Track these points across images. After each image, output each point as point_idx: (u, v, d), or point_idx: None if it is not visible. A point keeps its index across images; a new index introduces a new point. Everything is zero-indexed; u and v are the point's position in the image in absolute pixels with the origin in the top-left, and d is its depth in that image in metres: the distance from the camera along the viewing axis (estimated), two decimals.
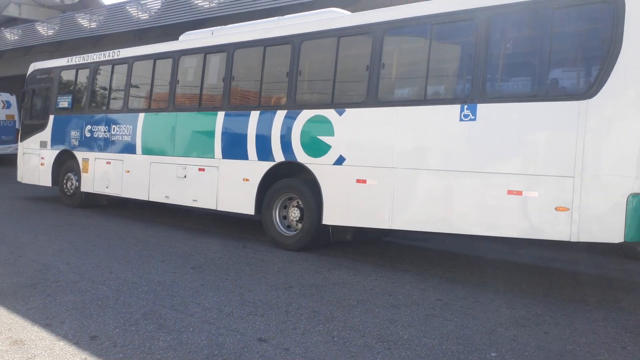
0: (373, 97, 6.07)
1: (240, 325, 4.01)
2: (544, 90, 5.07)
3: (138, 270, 5.53)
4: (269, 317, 4.20)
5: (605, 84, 4.63)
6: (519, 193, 5.03)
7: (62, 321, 3.97)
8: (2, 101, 19.12)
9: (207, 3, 15.49)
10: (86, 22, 19.84)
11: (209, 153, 7.62)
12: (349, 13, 7.07)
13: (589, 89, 4.73)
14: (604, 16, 4.75)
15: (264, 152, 7.02)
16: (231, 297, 4.70)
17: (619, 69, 4.59)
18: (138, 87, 9.23)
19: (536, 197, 4.95)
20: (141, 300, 4.52)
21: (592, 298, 5.16)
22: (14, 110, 19.26)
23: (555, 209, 4.83)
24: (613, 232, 4.62)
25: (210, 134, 7.60)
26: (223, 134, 7.49)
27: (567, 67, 5.24)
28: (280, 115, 6.87)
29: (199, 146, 7.82)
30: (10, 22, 33.98)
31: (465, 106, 5.33)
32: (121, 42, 18.79)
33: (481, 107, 5.25)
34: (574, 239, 4.76)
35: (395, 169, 5.84)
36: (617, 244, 4.69)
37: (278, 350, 3.56)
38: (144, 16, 17.51)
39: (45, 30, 21.78)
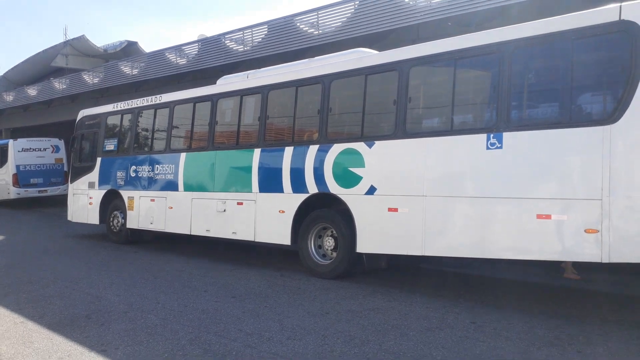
0: (401, 129, 6.33)
1: (279, 349, 4.23)
2: (568, 117, 5.19)
3: (183, 300, 5.84)
4: (307, 342, 4.41)
5: (628, 109, 4.78)
6: (549, 217, 5.13)
7: (116, 347, 4.29)
8: (52, 146, 20.21)
9: (242, 47, 16.23)
10: (128, 69, 20.95)
11: (247, 188, 7.98)
12: (374, 52, 7.41)
13: (612, 114, 4.87)
14: (622, 44, 4.93)
15: (298, 185, 7.32)
16: (270, 323, 4.94)
17: (639, 93, 4.73)
18: (179, 128, 9.72)
19: (565, 220, 5.05)
20: (187, 328, 4.80)
21: (628, 318, 5.17)
22: (62, 154, 20.36)
23: (585, 231, 4.91)
24: None
25: (248, 170, 7.97)
26: (259, 169, 7.85)
27: (589, 94, 5.38)
28: (313, 149, 7.19)
29: (238, 182, 8.19)
30: (58, 72, 36.11)
31: (492, 135, 5.53)
32: (161, 86, 19.78)
33: (507, 136, 5.44)
34: (605, 260, 4.81)
35: (425, 197, 6.02)
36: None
37: None
38: (182, 61, 18.41)
39: (90, 79, 23.06)
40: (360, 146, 6.69)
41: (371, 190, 6.55)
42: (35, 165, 19.54)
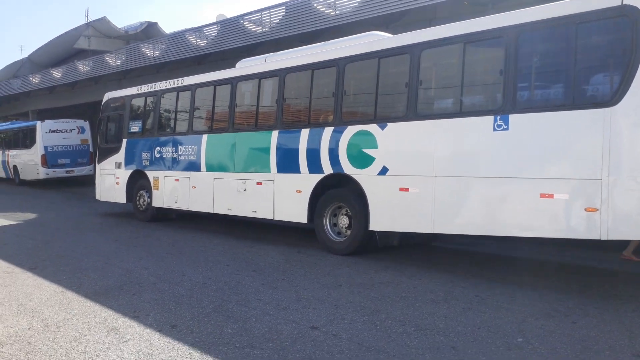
0: (412, 112, 6.57)
1: (295, 316, 4.63)
2: (571, 100, 5.37)
3: (207, 273, 6.28)
4: (320, 310, 4.79)
5: (628, 92, 4.95)
6: (551, 196, 5.36)
7: (147, 314, 4.73)
8: (77, 127, 20.83)
9: (260, 28, 16.46)
10: (150, 51, 21.34)
11: (266, 168, 8.33)
12: (388, 35, 7.62)
13: (612, 97, 5.05)
14: (623, 28, 5.08)
15: (314, 165, 7.64)
16: (287, 294, 5.34)
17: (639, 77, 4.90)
18: (201, 110, 10.08)
19: (567, 199, 5.28)
20: (211, 297, 5.23)
21: (625, 294, 5.44)
22: (87, 135, 20.98)
23: (585, 209, 5.14)
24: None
25: (266, 151, 8.32)
26: (277, 150, 8.19)
27: (591, 77, 5.53)
28: (328, 131, 7.47)
29: (257, 162, 8.54)
30: (81, 53, 36.73)
31: (498, 117, 5.75)
32: (182, 67, 20.17)
33: (513, 118, 5.65)
34: (604, 237, 5.05)
35: (435, 177, 6.29)
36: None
37: (327, 336, 4.14)
38: (202, 43, 18.70)
39: (113, 61, 23.53)
40: (373, 128, 6.95)
41: (384, 171, 6.83)
42: (62, 146, 20.20)
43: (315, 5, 14.79)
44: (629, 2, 4.99)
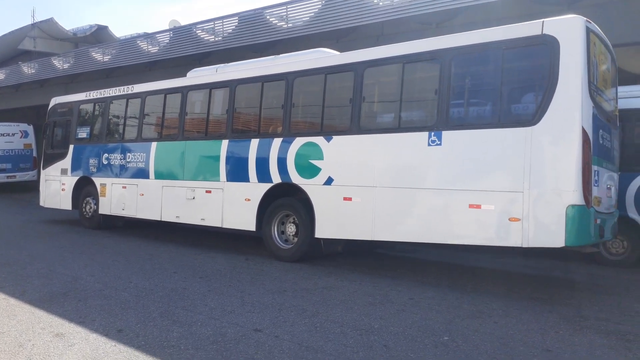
0: (356, 126, 6.95)
1: (239, 320, 4.84)
2: (497, 119, 5.89)
3: (154, 280, 6.39)
4: (264, 314, 5.02)
5: (546, 113, 5.48)
6: (479, 206, 5.82)
7: (93, 319, 4.81)
8: (20, 131, 20.20)
9: (213, 37, 16.57)
10: (99, 55, 20.99)
11: (215, 177, 8.49)
12: (335, 53, 7.98)
13: (533, 117, 5.58)
14: (543, 55, 5.61)
15: (263, 175, 7.86)
16: (233, 299, 5.53)
17: (557, 99, 5.45)
18: (150, 118, 10.12)
19: (492, 209, 5.74)
20: (157, 303, 5.36)
21: (547, 296, 5.95)
22: (31, 140, 20.37)
23: (509, 219, 5.61)
24: (556, 238, 5.39)
25: (216, 160, 8.48)
26: (227, 159, 8.36)
27: (515, 99, 6.06)
28: (277, 142, 7.72)
29: (206, 171, 8.68)
30: (25, 54, 35.47)
31: (433, 133, 6.20)
32: (133, 73, 19.96)
33: (446, 134, 6.11)
34: (524, 245, 5.54)
35: (375, 188, 6.68)
36: (560, 248, 5.46)
37: (270, 337, 4.38)
38: (153, 49, 18.61)
39: (60, 64, 22.97)
40: (319, 140, 7.27)
41: (329, 181, 7.15)
42: (3, 150, 19.56)
43: (268, 17, 15.09)
44: (548, 32, 5.56)
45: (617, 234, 6.95)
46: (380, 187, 6.64)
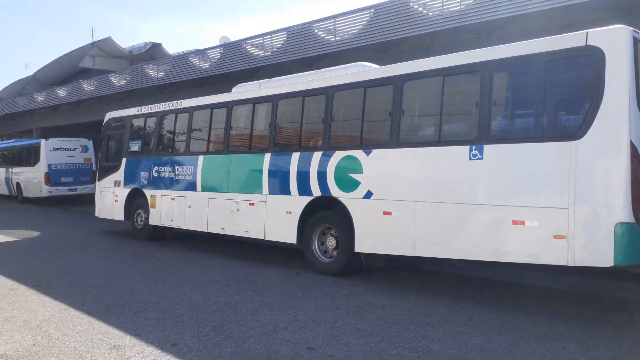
0: (395, 139, 6.87)
1: (292, 337, 4.77)
2: (540, 132, 5.69)
3: (207, 293, 6.44)
4: (317, 331, 4.94)
5: (592, 126, 5.23)
6: (522, 223, 5.60)
7: (148, 332, 4.88)
8: (81, 145, 21.08)
9: (262, 52, 16.82)
10: (154, 71, 21.73)
11: (258, 189, 8.59)
12: (375, 66, 7.96)
13: (577, 131, 5.34)
14: (587, 67, 5.39)
15: (303, 188, 7.90)
16: (285, 315, 5.48)
17: (602, 112, 5.20)
18: (197, 132, 10.35)
19: (537, 226, 5.51)
20: (211, 317, 5.38)
21: (617, 320, 5.57)
22: (90, 154, 21.21)
23: (553, 237, 5.37)
24: (604, 257, 5.11)
25: (259, 173, 8.58)
26: (269, 172, 8.45)
27: (559, 112, 5.81)
28: (317, 155, 7.75)
29: (250, 184, 8.80)
30: (85, 72, 37.19)
31: (474, 147, 6.03)
32: (185, 88, 20.54)
33: (487, 148, 5.94)
34: (570, 264, 5.30)
35: (415, 202, 6.56)
36: (609, 267, 5.14)
37: (324, 356, 4.29)
38: (205, 65, 19.09)
39: (117, 81, 23.92)
40: (359, 153, 7.23)
41: (368, 195, 7.09)
42: (65, 164, 20.43)
43: (316, 31, 15.18)
44: (593, 43, 5.32)
45: None
46: (421, 201, 6.52)
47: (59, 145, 20.59)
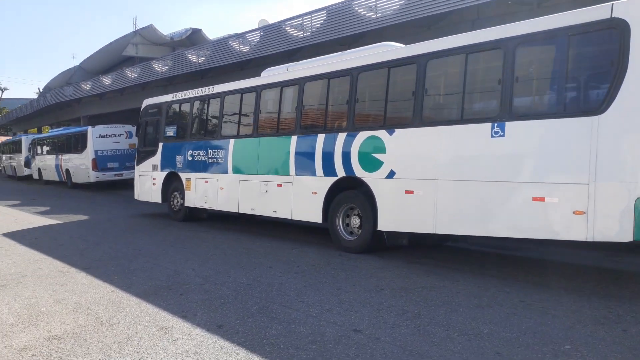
0: (418, 118, 6.86)
1: (338, 319, 4.68)
2: (562, 108, 5.59)
3: (251, 274, 6.43)
4: (363, 313, 4.83)
5: (614, 101, 5.10)
6: (542, 199, 5.59)
7: (194, 314, 4.89)
8: (125, 132, 21.55)
9: (302, 33, 16.64)
10: (194, 57, 21.90)
11: (285, 171, 8.78)
12: (400, 46, 7.84)
13: (600, 106, 5.22)
14: (612, 40, 5.21)
15: (328, 168, 8.03)
16: (330, 296, 5.40)
17: (625, 87, 5.06)
18: (228, 116, 10.58)
19: (557, 202, 5.49)
20: (255, 298, 5.35)
21: None
22: (135, 140, 21.65)
23: (573, 212, 5.34)
24: (623, 232, 5.06)
25: (286, 155, 8.75)
26: (296, 154, 8.61)
27: (582, 87, 5.66)
28: (341, 137, 7.82)
29: (277, 165, 8.98)
30: (128, 60, 37.97)
31: (496, 124, 5.99)
32: (226, 72, 20.62)
33: (509, 125, 5.89)
34: (589, 239, 5.26)
35: (437, 181, 6.58)
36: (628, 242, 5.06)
37: (370, 339, 4.17)
38: (245, 48, 19.08)
39: (160, 67, 24.27)
40: (382, 134, 7.26)
41: (391, 174, 7.14)
42: (111, 150, 20.98)
43: (356, 8, 14.85)
44: (618, 15, 5.14)
45: None
46: (442, 179, 6.54)
47: (105, 132, 21.13)
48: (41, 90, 59.44)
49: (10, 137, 41.01)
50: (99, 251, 8.17)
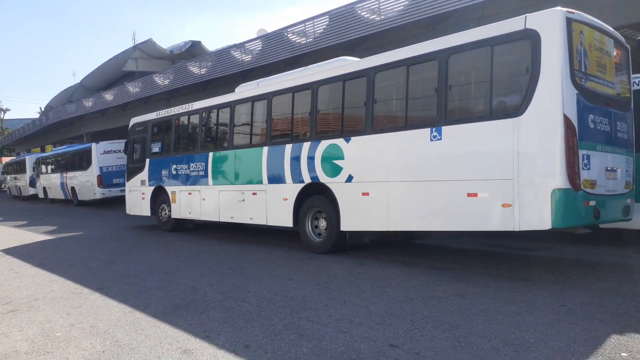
0: (369, 126, 7.50)
1: (371, 333, 4.40)
2: (489, 111, 6.16)
3: (271, 288, 6.15)
4: (397, 326, 4.54)
5: (530, 103, 5.71)
6: (475, 195, 6.15)
7: (218, 333, 4.61)
8: None
9: (304, 39, 16.45)
10: (196, 69, 21.74)
11: (259, 180, 9.37)
12: (355, 59, 8.33)
13: (519, 108, 5.83)
14: (527, 48, 5.82)
15: (296, 176, 8.64)
16: (358, 309, 5.12)
17: (539, 89, 5.66)
18: (207, 131, 11.22)
19: (487, 197, 6.05)
20: (280, 314, 5.07)
21: None
22: None
23: (502, 205, 5.88)
24: (543, 220, 5.59)
25: (259, 165, 9.34)
26: (268, 164, 9.19)
27: (504, 92, 6.25)
28: (306, 146, 8.44)
29: (252, 175, 9.58)
30: (129, 75, 37.88)
31: (434, 129, 6.61)
32: (228, 83, 20.43)
33: (445, 129, 6.51)
34: (516, 229, 5.78)
35: (388, 182, 7.21)
36: (549, 230, 5.61)
37: (410, 355, 3.88)
38: (247, 58, 18.90)
39: (161, 81, 24.13)
40: (340, 142, 7.90)
41: (349, 179, 7.78)
42: (116, 166, 20.81)
43: (359, 12, 14.66)
44: (530, 26, 5.75)
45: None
46: (392, 181, 7.14)
47: (109, 147, 20.98)
48: (43, 109, 59.47)
49: (14, 158, 40.94)
50: (111, 270, 7.91)
